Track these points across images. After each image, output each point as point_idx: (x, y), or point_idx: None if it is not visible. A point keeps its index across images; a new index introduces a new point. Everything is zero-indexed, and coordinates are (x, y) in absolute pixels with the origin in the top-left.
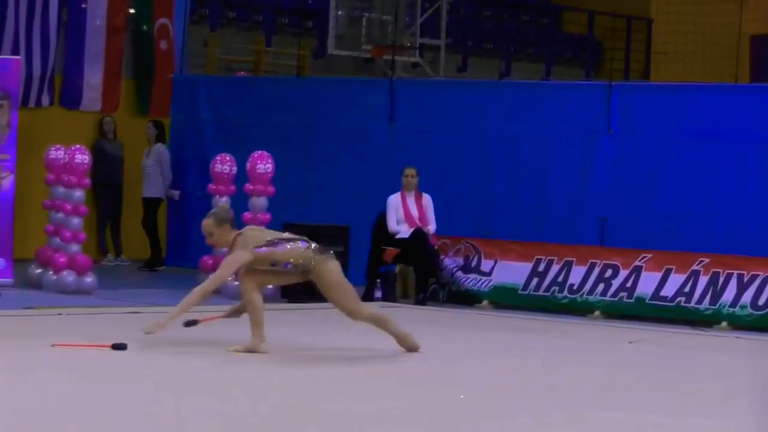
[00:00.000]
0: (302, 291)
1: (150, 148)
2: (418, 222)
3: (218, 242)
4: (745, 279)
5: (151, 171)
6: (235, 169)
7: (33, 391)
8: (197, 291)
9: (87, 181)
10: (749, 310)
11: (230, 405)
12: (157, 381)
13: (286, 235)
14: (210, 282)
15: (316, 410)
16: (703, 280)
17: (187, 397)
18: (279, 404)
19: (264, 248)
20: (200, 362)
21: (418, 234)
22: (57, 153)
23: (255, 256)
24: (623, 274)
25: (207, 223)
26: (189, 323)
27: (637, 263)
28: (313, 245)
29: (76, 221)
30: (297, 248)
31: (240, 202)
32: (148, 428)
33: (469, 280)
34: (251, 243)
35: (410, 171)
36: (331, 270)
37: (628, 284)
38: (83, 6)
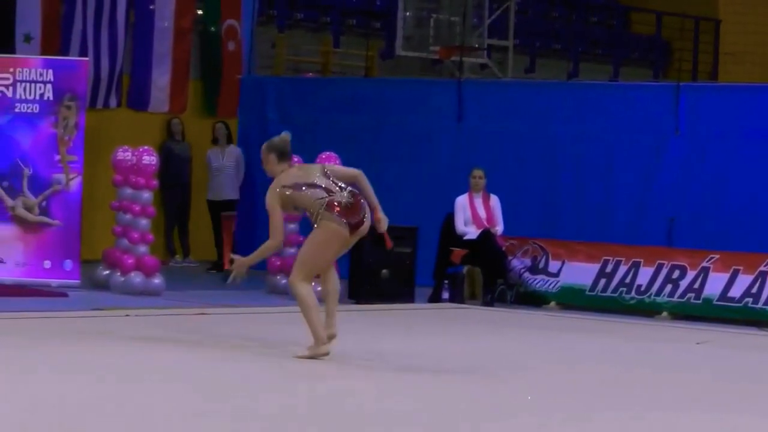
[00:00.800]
0: (369, 292)
1: (224, 150)
2: (485, 223)
3: (265, 167)
4: None
5: (231, 173)
6: None
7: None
8: (269, 245)
9: (155, 182)
10: None
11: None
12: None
13: (325, 183)
14: (274, 235)
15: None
16: None
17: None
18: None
19: (289, 189)
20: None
21: (486, 235)
22: (125, 154)
23: (280, 195)
24: (691, 275)
25: (263, 147)
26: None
27: (704, 264)
28: (327, 200)
29: (143, 222)
30: (312, 196)
31: None
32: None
33: (536, 281)
34: (282, 182)
35: (478, 172)
36: (323, 228)
37: (696, 285)
38: (151, 7)
